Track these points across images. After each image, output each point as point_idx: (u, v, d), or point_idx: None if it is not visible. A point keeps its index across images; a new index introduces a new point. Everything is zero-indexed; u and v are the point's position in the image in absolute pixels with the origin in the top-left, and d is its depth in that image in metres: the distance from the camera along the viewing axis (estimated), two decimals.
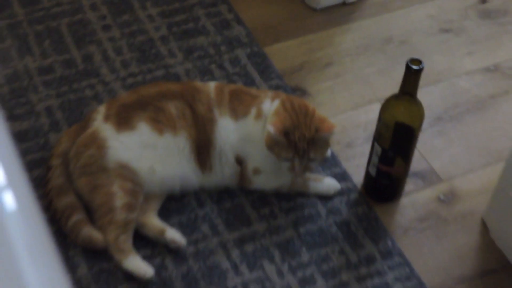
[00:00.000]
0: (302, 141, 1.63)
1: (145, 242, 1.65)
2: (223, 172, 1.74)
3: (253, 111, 1.71)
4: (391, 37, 2.12)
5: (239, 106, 1.72)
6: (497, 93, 2.03)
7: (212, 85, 1.76)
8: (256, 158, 1.72)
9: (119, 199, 1.62)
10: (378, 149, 1.70)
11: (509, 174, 1.65)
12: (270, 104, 1.69)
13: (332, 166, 1.84)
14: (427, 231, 1.75)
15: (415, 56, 1.59)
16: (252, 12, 2.15)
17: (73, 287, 1.57)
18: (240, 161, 1.73)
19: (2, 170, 0.72)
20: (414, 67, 1.56)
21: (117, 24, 2.09)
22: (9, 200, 0.70)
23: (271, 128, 1.61)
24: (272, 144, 1.64)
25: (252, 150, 1.72)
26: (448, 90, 2.02)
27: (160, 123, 1.68)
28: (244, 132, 1.72)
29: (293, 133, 1.62)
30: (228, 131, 1.71)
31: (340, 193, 1.79)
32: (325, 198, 1.78)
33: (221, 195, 1.77)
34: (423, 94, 1.72)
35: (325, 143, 1.67)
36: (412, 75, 1.58)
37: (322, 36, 2.11)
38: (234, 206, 1.75)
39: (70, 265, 1.61)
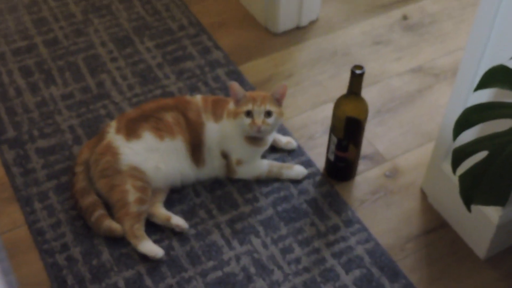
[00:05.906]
0: (258, 98, 1.36)
1: (155, 228, 1.36)
2: (213, 165, 1.44)
3: (225, 112, 1.42)
4: (336, 51, 1.82)
5: (218, 110, 1.43)
6: (423, 88, 1.72)
7: (199, 97, 1.47)
8: (237, 151, 1.42)
9: (132, 195, 1.34)
10: (334, 139, 1.41)
11: (438, 150, 1.36)
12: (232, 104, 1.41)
13: (299, 155, 1.52)
14: (378, 201, 1.43)
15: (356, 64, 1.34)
16: (227, 39, 1.83)
17: (100, 270, 1.30)
18: (225, 155, 1.43)
19: None
20: (358, 71, 1.31)
21: (122, 56, 1.76)
22: None
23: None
24: (235, 111, 1.37)
25: (232, 144, 1.42)
26: (384, 89, 1.71)
27: (161, 131, 1.40)
28: (224, 131, 1.42)
29: (248, 98, 1.37)
30: (213, 131, 1.42)
31: (307, 176, 1.47)
32: (295, 181, 1.46)
33: (213, 185, 1.45)
34: (364, 93, 1.44)
35: (277, 102, 1.38)
36: (356, 78, 1.32)
37: (283, 54, 1.81)
38: (224, 194, 1.44)
39: (95, 252, 1.33)
